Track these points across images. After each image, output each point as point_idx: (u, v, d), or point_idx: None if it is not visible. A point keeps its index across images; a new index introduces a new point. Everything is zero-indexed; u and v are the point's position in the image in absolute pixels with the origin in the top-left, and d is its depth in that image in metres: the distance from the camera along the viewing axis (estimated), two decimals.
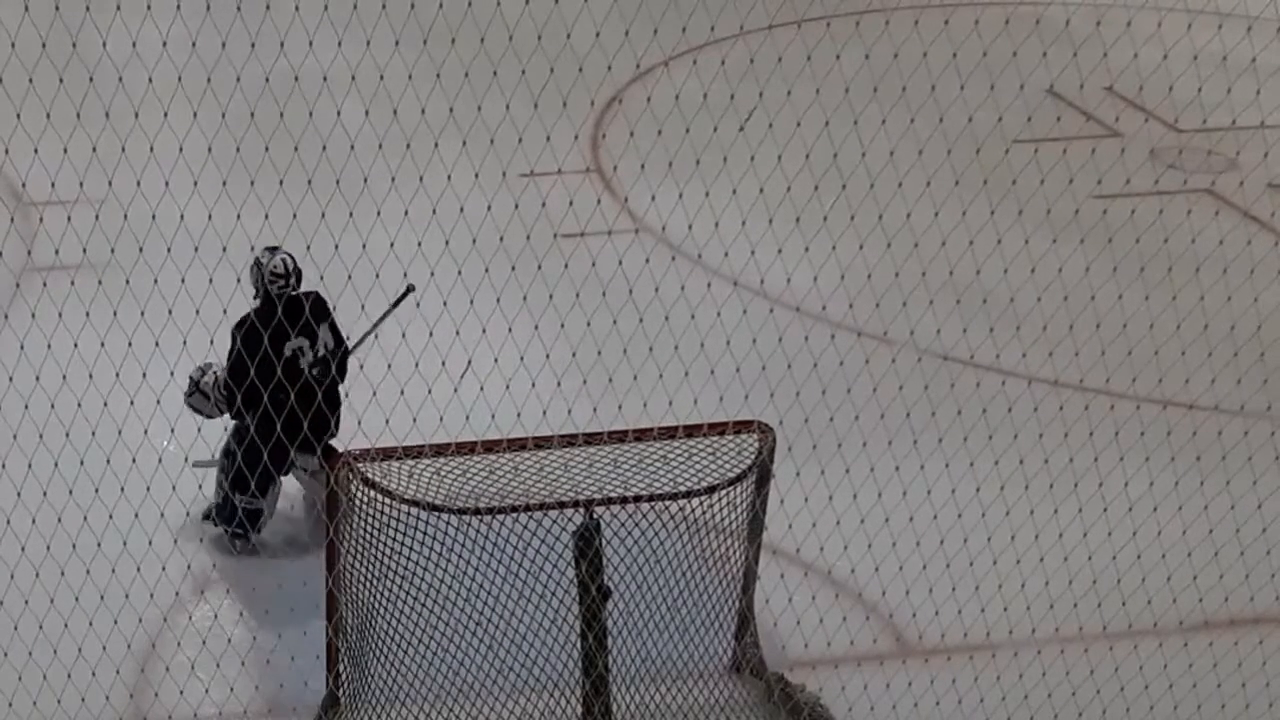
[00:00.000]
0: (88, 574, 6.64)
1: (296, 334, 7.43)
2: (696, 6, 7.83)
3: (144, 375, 6.63)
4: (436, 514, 6.55)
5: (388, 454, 6.29)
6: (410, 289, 7.76)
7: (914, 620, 7.49)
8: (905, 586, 7.33)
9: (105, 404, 6.52)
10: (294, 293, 7.52)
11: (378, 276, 7.33)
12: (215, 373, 7.69)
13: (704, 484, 6.73)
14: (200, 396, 7.76)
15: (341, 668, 6.68)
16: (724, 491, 6.73)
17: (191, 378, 7.71)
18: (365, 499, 6.40)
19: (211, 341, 7.03)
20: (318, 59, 6.73)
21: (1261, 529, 7.69)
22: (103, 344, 6.49)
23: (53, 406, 6.46)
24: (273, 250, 7.49)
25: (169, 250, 6.63)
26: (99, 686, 6.69)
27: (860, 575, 7.58)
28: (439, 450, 6.31)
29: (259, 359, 7.09)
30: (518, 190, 7.40)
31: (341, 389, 7.71)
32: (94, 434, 6.62)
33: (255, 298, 7.53)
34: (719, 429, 6.77)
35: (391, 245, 7.42)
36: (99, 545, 6.69)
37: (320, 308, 7.61)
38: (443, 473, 6.40)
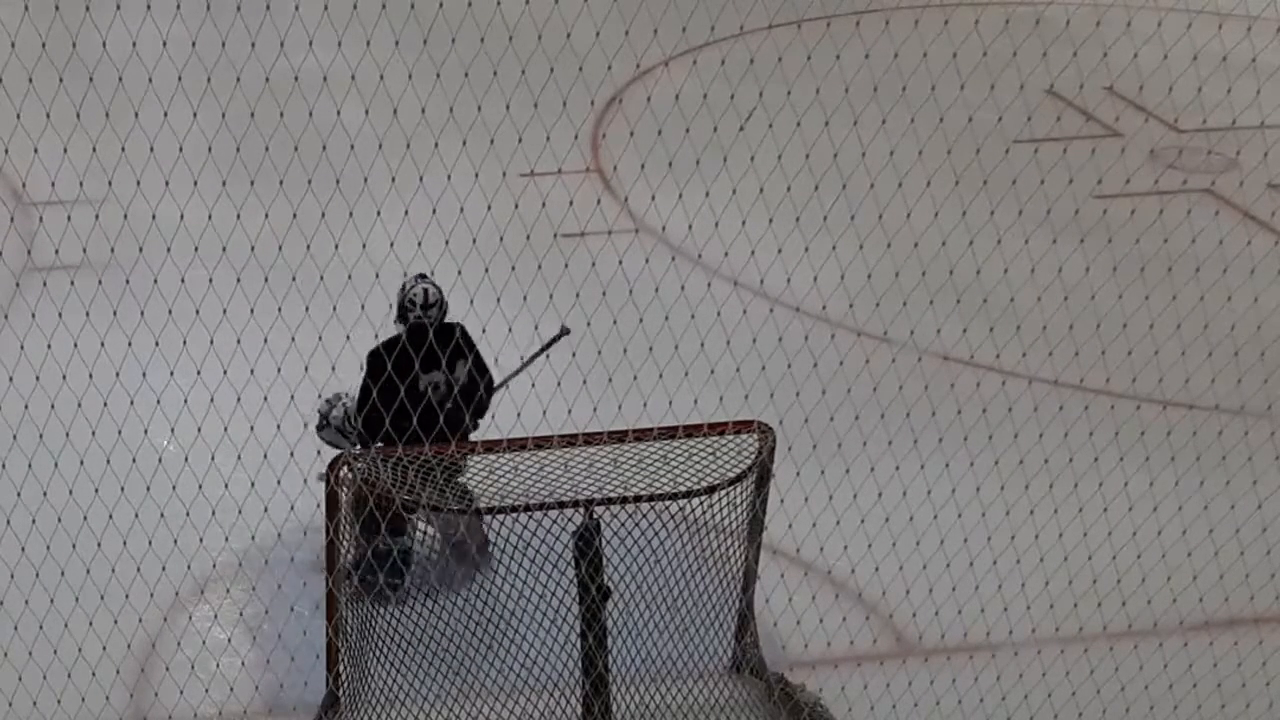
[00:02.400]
0: (88, 574, 6.64)
1: (432, 368, 7.11)
2: (696, 6, 7.83)
3: (144, 375, 6.64)
4: (437, 514, 6.55)
5: (388, 454, 6.29)
6: (565, 331, 7.55)
7: (914, 620, 7.49)
8: (905, 586, 7.33)
9: (105, 404, 6.52)
10: (436, 323, 7.20)
11: (377, 277, 7.33)
12: (345, 404, 7.38)
13: (704, 484, 6.74)
14: (332, 430, 7.46)
15: (341, 668, 6.69)
16: (724, 491, 6.74)
17: (320, 411, 7.42)
18: (365, 499, 6.40)
19: (211, 341, 7.03)
20: (318, 59, 6.72)
21: (1261, 529, 7.70)
22: (103, 344, 6.49)
23: (53, 406, 6.46)
24: (420, 277, 7.23)
25: (169, 250, 6.64)
26: (99, 686, 6.69)
27: (860, 575, 7.58)
28: (439, 450, 6.31)
29: (390, 391, 6.79)
30: (518, 190, 7.39)
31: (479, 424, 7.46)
32: (94, 434, 6.62)
33: (396, 322, 7.25)
34: (719, 429, 6.78)
35: (391, 245, 7.42)
36: (99, 545, 6.70)
37: (464, 342, 7.25)
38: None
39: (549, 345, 7.62)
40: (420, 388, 7.04)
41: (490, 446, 6.38)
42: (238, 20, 6.59)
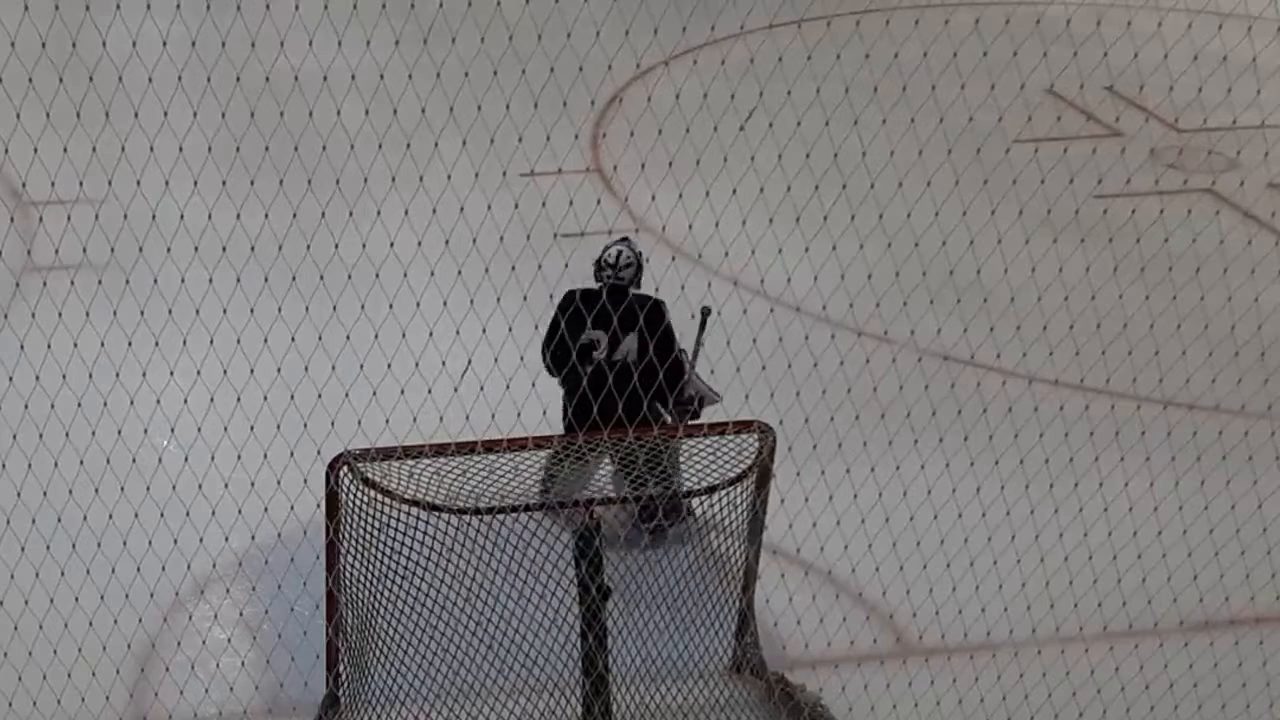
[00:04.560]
0: (88, 574, 6.64)
1: (599, 326, 7.48)
2: (696, 6, 7.83)
3: (144, 375, 6.64)
4: (436, 514, 6.55)
5: (388, 454, 6.29)
6: (708, 311, 7.82)
7: (914, 620, 7.49)
8: (905, 586, 7.33)
9: (105, 404, 6.52)
10: (628, 287, 7.59)
11: (377, 276, 7.33)
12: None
13: (704, 484, 6.74)
14: None
15: (341, 668, 6.69)
16: (724, 491, 6.75)
17: None
18: (365, 499, 6.40)
19: (211, 341, 7.03)
20: (318, 59, 6.72)
21: (1261, 529, 7.69)
22: (103, 344, 6.50)
23: (53, 406, 6.46)
24: (622, 240, 7.66)
25: (169, 250, 6.64)
26: (99, 686, 6.69)
27: (860, 575, 7.58)
28: (439, 450, 6.31)
29: (558, 331, 7.39)
30: (518, 190, 7.39)
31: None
32: (94, 434, 6.62)
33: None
34: (719, 429, 6.78)
35: (391, 245, 7.42)
36: (99, 545, 6.70)
37: (637, 312, 7.51)
38: (443, 473, 6.40)
39: (703, 328, 7.83)
40: (582, 340, 7.46)
41: (490, 446, 6.38)
42: (238, 20, 6.59)
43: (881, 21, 8.37)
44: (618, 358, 7.55)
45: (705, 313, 7.85)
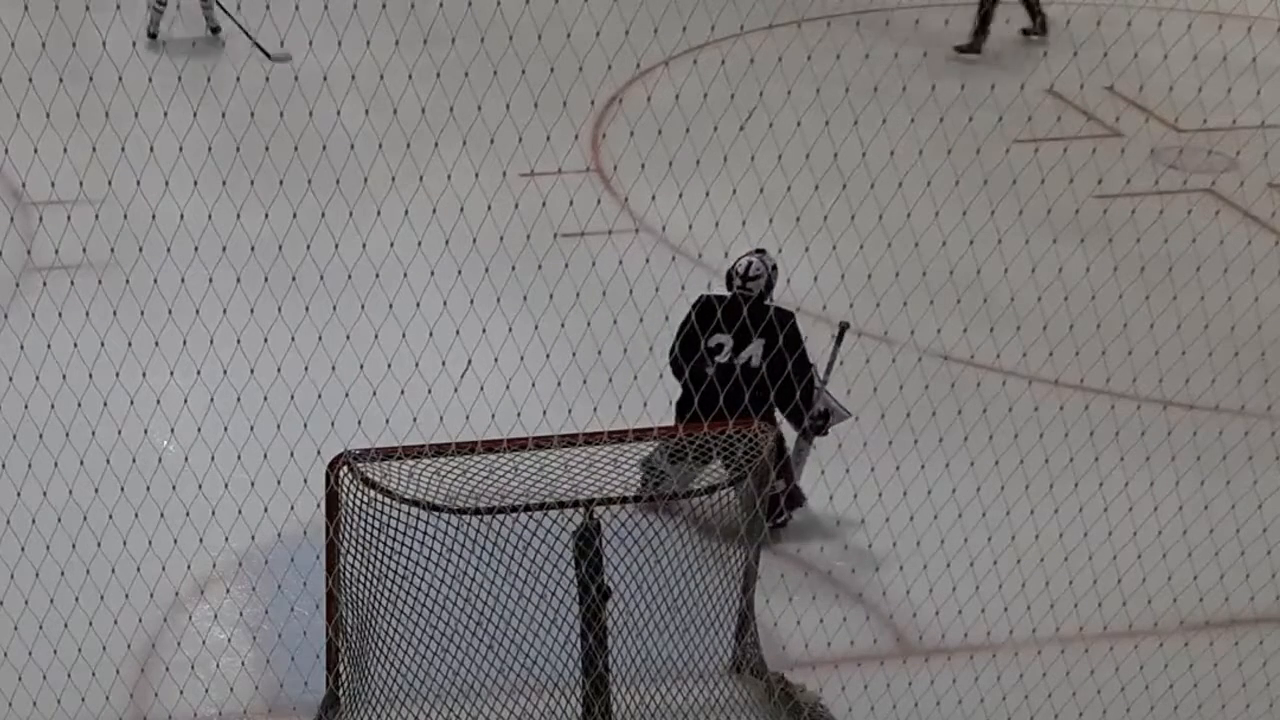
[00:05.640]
0: (88, 574, 6.64)
1: (720, 330, 7.73)
2: (696, 6, 7.82)
3: (144, 375, 6.64)
4: (436, 514, 6.55)
5: (388, 454, 6.29)
6: (845, 325, 7.95)
7: (914, 620, 7.49)
8: (905, 586, 7.33)
9: (105, 404, 6.52)
10: (758, 297, 7.80)
11: (377, 276, 7.33)
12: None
13: (704, 484, 6.74)
14: None
15: (341, 668, 6.69)
16: (724, 491, 6.74)
17: None
18: (365, 499, 6.40)
19: (211, 341, 7.03)
20: (318, 59, 6.73)
21: (1261, 529, 7.69)
22: (103, 344, 6.50)
23: (53, 406, 6.46)
24: (757, 252, 7.86)
25: (169, 250, 6.64)
26: (99, 686, 6.69)
27: (860, 575, 7.58)
28: (439, 450, 6.31)
29: (686, 338, 7.76)
30: (518, 190, 7.39)
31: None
32: (94, 434, 6.62)
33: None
34: (719, 429, 6.78)
35: (391, 245, 7.42)
36: (99, 545, 6.70)
37: (762, 319, 7.68)
38: (443, 473, 6.40)
39: (839, 343, 7.94)
40: (708, 344, 7.73)
41: (490, 446, 6.38)
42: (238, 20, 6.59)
43: (882, 21, 8.37)
44: (739, 361, 7.66)
45: (843, 328, 7.93)
